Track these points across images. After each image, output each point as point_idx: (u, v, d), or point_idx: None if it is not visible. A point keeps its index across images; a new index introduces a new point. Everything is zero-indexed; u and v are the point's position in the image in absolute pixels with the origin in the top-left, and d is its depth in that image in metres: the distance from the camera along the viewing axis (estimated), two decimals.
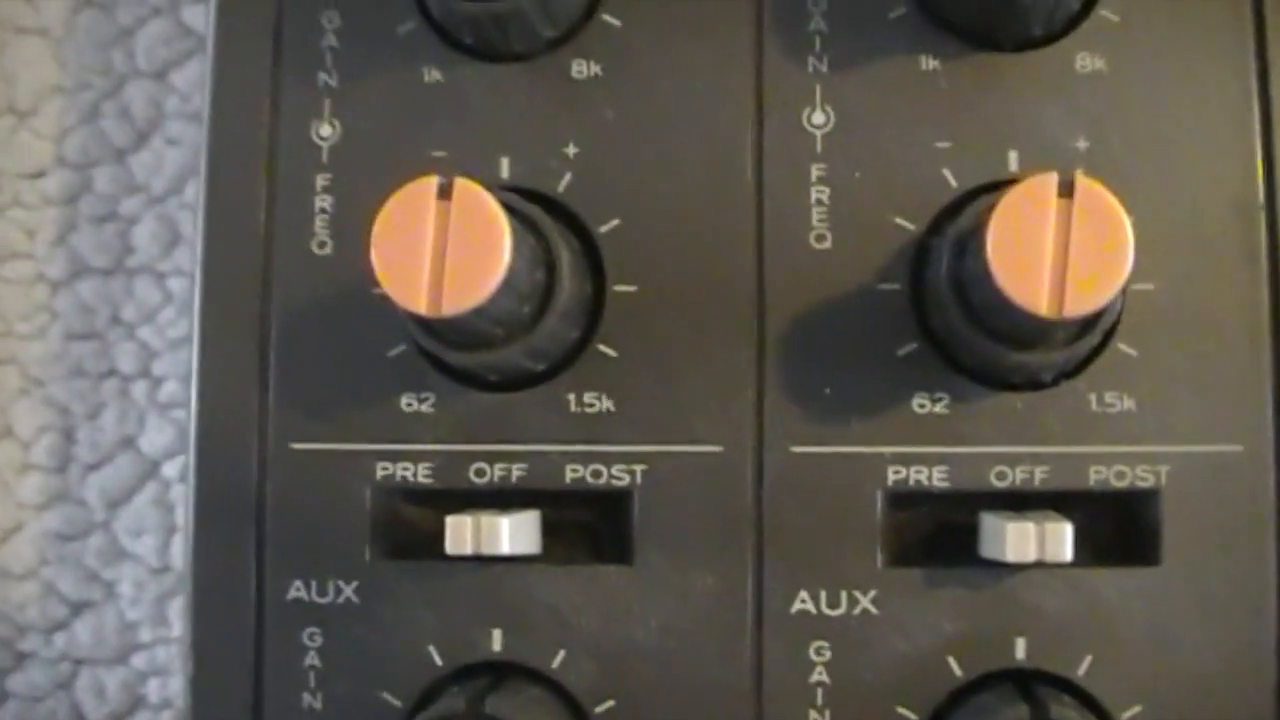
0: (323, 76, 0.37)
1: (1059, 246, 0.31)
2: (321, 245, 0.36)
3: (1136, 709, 0.35)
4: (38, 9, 0.47)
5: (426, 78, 0.36)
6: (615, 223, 0.36)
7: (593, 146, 0.36)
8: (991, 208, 0.31)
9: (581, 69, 0.36)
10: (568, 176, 0.36)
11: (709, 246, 0.35)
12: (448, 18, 0.36)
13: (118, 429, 0.45)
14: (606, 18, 0.36)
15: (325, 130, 0.37)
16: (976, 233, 0.32)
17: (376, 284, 0.31)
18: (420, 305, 0.31)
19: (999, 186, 0.34)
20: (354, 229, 0.36)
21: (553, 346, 0.34)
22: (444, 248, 0.31)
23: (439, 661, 0.35)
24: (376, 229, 0.31)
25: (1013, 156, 0.35)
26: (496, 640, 0.35)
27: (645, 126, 0.36)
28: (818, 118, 0.36)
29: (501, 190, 0.33)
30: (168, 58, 0.46)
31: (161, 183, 0.46)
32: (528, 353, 0.34)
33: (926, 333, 0.35)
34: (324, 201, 0.37)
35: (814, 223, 0.35)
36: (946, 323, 0.34)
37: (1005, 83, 0.36)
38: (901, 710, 0.35)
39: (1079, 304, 0.31)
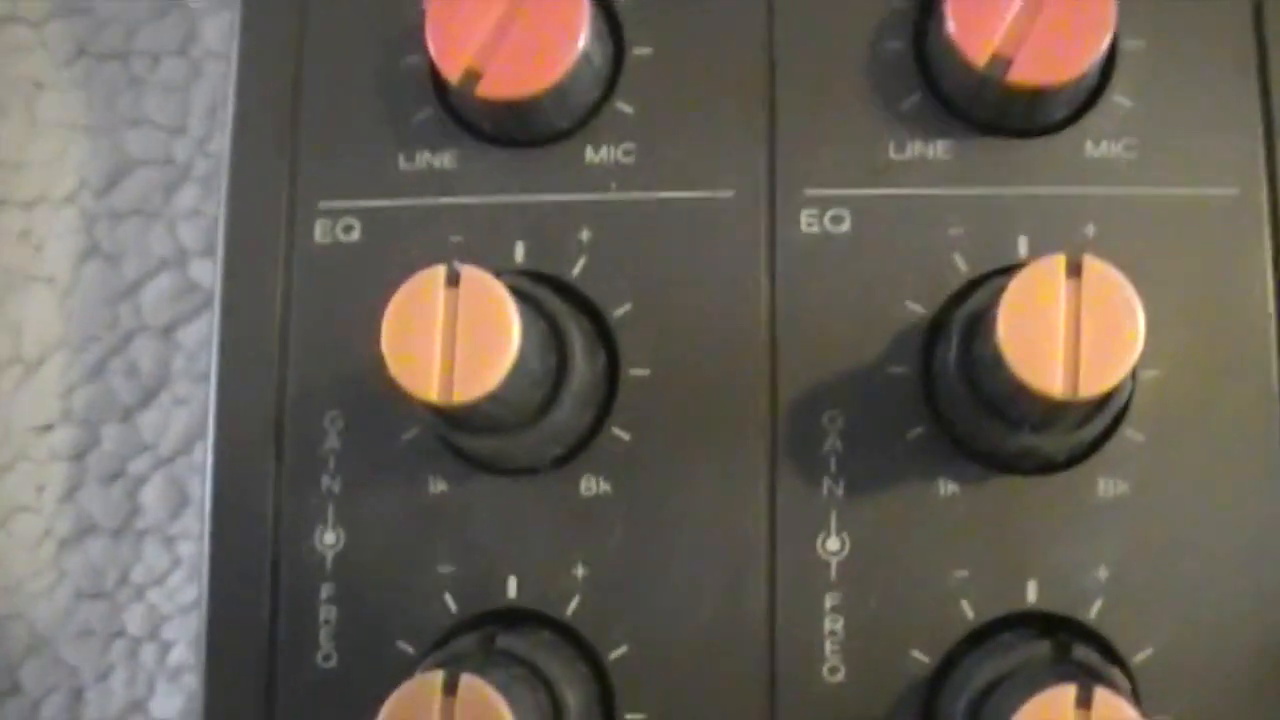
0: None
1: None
2: None
3: None
4: (44, 257, 0.46)
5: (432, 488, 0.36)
6: (623, 649, 0.35)
7: (601, 563, 0.35)
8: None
9: (590, 486, 0.35)
10: (576, 598, 0.35)
11: (717, 683, 0.35)
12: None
13: (126, 692, 0.45)
14: (617, 431, 0.35)
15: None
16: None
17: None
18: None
19: (1021, 619, 0.33)
20: None
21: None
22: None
23: None
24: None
25: (1031, 586, 0.35)
26: None
27: (654, 550, 0.35)
28: (832, 544, 0.35)
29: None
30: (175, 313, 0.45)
31: (169, 443, 0.45)
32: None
33: None
34: None
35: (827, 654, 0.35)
36: None
37: (1024, 508, 0.35)
38: None
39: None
